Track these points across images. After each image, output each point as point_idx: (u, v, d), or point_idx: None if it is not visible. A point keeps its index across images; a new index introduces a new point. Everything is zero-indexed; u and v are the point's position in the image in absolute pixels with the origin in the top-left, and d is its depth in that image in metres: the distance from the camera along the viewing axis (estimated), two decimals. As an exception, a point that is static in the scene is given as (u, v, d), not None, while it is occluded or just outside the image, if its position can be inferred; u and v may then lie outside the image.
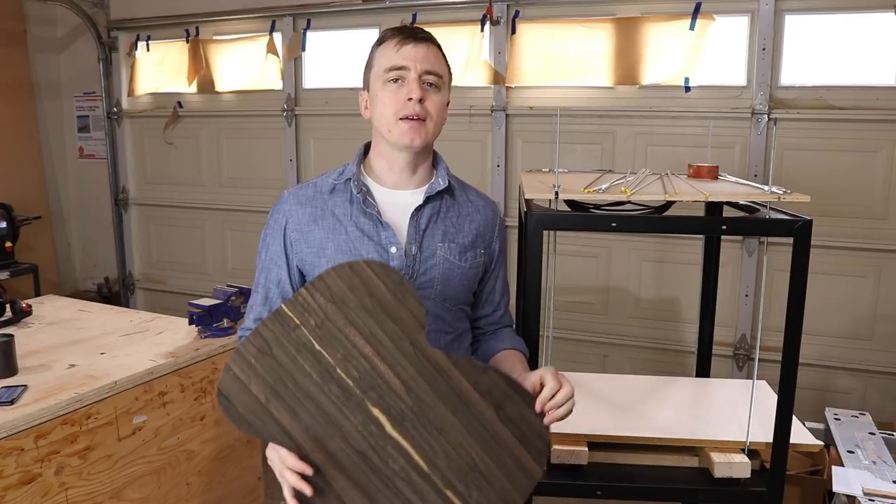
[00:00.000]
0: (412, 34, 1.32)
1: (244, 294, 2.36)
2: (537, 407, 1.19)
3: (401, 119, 1.30)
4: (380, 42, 1.36)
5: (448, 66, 1.37)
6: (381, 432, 1.15)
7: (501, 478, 1.17)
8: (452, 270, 1.36)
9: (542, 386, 1.21)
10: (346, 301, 1.15)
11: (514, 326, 1.56)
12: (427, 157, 1.40)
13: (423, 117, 1.30)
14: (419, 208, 1.35)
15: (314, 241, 1.34)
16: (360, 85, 1.44)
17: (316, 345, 1.14)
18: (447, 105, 1.36)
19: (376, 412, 1.15)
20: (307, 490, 1.13)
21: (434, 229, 1.36)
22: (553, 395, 1.20)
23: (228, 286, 2.40)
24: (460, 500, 1.16)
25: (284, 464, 1.14)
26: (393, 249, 1.31)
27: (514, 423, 1.18)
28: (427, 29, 1.38)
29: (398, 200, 1.36)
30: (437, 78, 1.32)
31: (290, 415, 1.14)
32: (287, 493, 1.16)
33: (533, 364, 1.51)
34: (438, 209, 1.37)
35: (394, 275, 1.17)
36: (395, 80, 1.31)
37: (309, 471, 1.13)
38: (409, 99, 1.29)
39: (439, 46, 1.36)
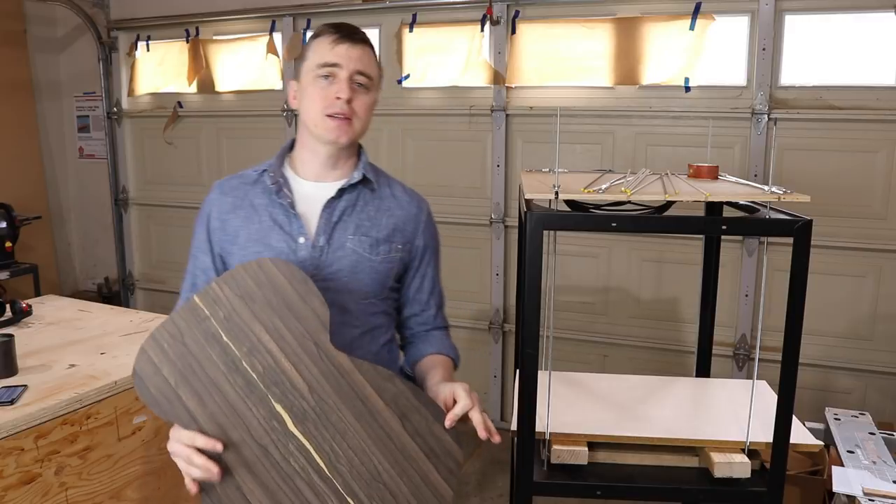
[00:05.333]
0: (350, 34, 1.34)
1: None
2: (447, 423, 1.17)
3: (328, 116, 1.32)
4: (315, 36, 1.37)
5: (380, 68, 1.41)
6: (284, 429, 1.16)
7: (408, 494, 1.16)
8: (361, 263, 1.37)
9: (454, 402, 1.19)
10: (253, 297, 1.17)
11: (448, 329, 1.56)
12: (350, 151, 1.42)
13: (349, 116, 1.33)
14: (332, 200, 1.37)
15: (230, 230, 1.38)
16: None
17: (224, 336, 1.17)
18: (374, 105, 1.39)
19: (279, 408, 1.16)
20: (215, 469, 1.12)
21: (347, 222, 1.37)
22: (464, 413, 1.18)
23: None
24: None
25: (194, 443, 1.13)
26: (301, 240, 1.34)
27: (421, 436, 1.17)
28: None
29: (314, 192, 1.38)
30: (368, 79, 1.35)
31: (197, 400, 1.16)
32: (189, 481, 1.16)
33: (534, 366, 1.51)
34: (354, 202, 1.39)
35: (299, 274, 1.19)
36: (326, 77, 1.32)
37: (220, 447, 1.13)
38: (338, 98, 1.31)
39: (373, 48, 1.39)
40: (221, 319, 1.17)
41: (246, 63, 4.09)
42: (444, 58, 3.61)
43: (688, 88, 3.22)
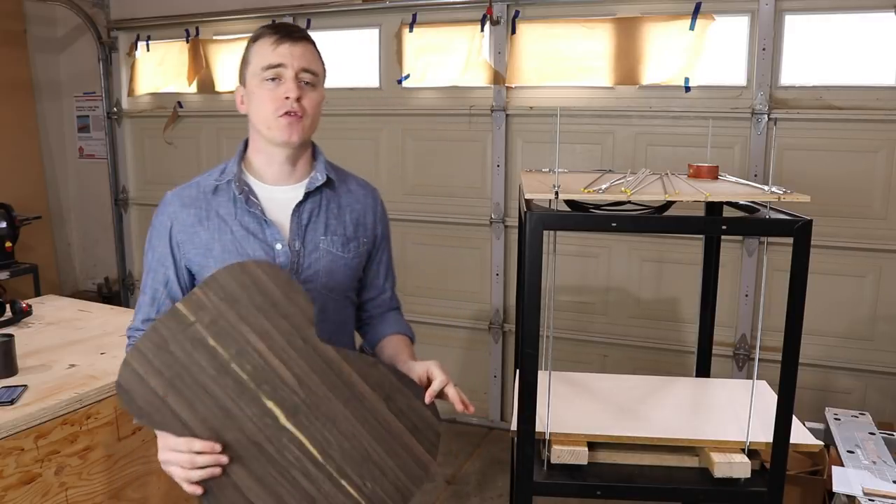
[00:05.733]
0: (288, 33, 1.34)
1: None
2: (427, 399, 1.24)
3: (280, 116, 1.33)
4: (255, 39, 1.37)
5: (323, 64, 1.41)
6: (276, 424, 1.19)
7: (395, 468, 1.23)
8: (336, 262, 1.40)
9: (428, 379, 1.27)
10: (238, 299, 1.19)
11: (400, 309, 1.61)
12: (305, 150, 1.43)
13: (300, 114, 1.33)
14: (300, 204, 1.38)
15: (200, 243, 1.36)
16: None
17: (210, 341, 1.18)
18: (322, 101, 1.40)
19: (270, 405, 1.19)
20: (224, 460, 1.16)
21: (316, 223, 1.39)
22: (442, 389, 1.25)
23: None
24: (355, 490, 1.21)
25: (192, 448, 1.16)
26: (278, 246, 1.35)
27: (404, 414, 1.23)
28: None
29: (280, 196, 1.39)
30: (313, 76, 1.35)
31: (188, 407, 1.17)
32: (189, 486, 1.18)
33: (534, 366, 1.51)
34: (319, 202, 1.41)
35: (282, 274, 1.22)
36: (273, 79, 1.33)
37: (218, 448, 1.16)
38: (287, 97, 1.31)
39: (315, 45, 1.39)
40: (207, 324, 1.18)
41: (246, 63, 4.08)
42: (444, 58, 3.61)
43: (688, 88, 3.22)
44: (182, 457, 1.16)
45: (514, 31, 3.47)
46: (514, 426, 1.61)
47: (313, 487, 1.20)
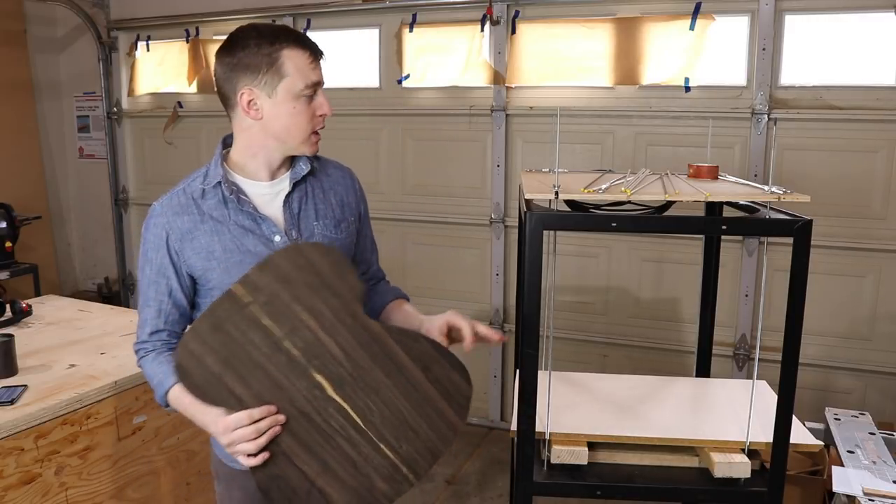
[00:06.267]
0: (319, 51, 1.40)
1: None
2: (468, 346, 1.37)
3: (311, 133, 1.39)
4: (283, 48, 1.34)
5: None
6: (324, 395, 1.28)
7: (427, 430, 1.33)
8: (332, 244, 1.45)
9: (448, 328, 1.38)
10: (293, 280, 1.26)
11: (386, 277, 1.69)
12: None
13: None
14: (289, 195, 1.43)
15: (200, 247, 1.38)
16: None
17: (265, 320, 1.26)
18: None
19: (319, 378, 1.28)
20: (282, 419, 1.26)
21: (306, 210, 1.45)
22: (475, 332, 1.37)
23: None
24: (391, 452, 1.31)
25: (252, 418, 1.24)
26: (276, 238, 1.40)
27: (440, 382, 1.33)
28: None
29: (267, 191, 1.43)
30: None
31: (242, 383, 1.26)
32: (256, 458, 1.26)
33: (534, 366, 1.52)
34: (305, 191, 1.46)
35: (335, 254, 1.31)
36: (310, 96, 1.37)
37: (274, 408, 1.25)
38: (322, 115, 1.40)
39: None
40: (262, 304, 1.25)
41: (246, 63, 4.08)
42: (444, 58, 3.61)
43: (688, 88, 3.22)
44: (248, 430, 1.23)
45: (514, 31, 3.47)
46: (514, 426, 1.61)
47: (354, 451, 1.29)
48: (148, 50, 4.42)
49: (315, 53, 1.37)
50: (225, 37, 1.42)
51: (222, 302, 1.25)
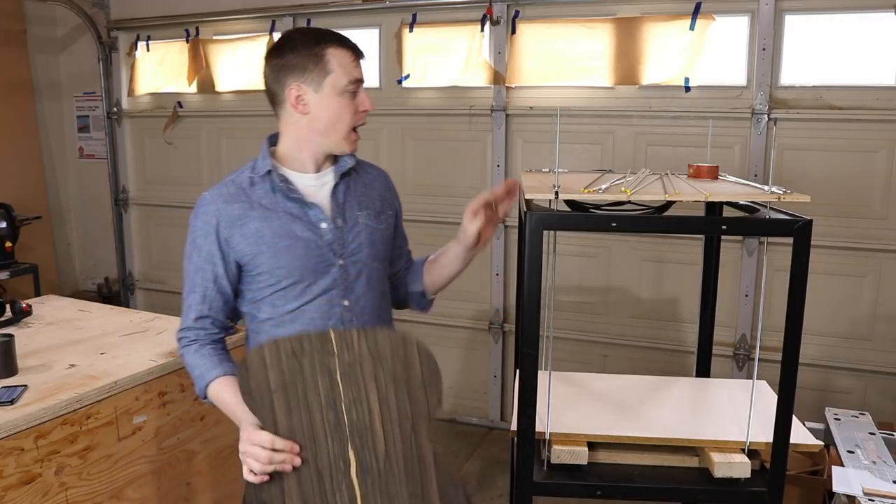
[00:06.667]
0: (360, 51, 1.49)
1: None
2: (502, 213, 1.56)
3: (352, 130, 1.48)
4: (327, 46, 1.44)
5: None
6: (346, 471, 1.29)
7: None
8: (374, 234, 1.54)
9: (479, 235, 1.51)
10: (383, 361, 1.28)
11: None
12: None
13: None
14: (335, 186, 1.51)
15: (250, 232, 1.44)
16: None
17: (338, 376, 1.28)
18: None
19: (351, 455, 1.29)
20: (298, 462, 1.27)
21: (350, 202, 1.53)
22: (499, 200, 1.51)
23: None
24: None
25: (273, 446, 1.26)
26: (323, 225, 1.47)
27: None
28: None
29: (313, 183, 1.50)
30: None
31: (285, 412, 1.27)
32: (252, 475, 1.29)
33: (534, 366, 1.52)
34: (348, 184, 1.54)
35: (433, 365, 1.30)
36: (353, 92, 1.46)
37: (297, 448, 1.27)
38: (364, 111, 1.48)
39: None
40: (345, 363, 1.28)
41: (246, 63, 4.08)
42: (444, 58, 3.61)
43: (688, 88, 3.21)
44: (262, 453, 1.26)
45: (514, 31, 3.47)
46: (514, 426, 1.61)
47: None
48: (148, 50, 4.42)
49: (356, 53, 1.47)
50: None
51: (314, 337, 1.28)
